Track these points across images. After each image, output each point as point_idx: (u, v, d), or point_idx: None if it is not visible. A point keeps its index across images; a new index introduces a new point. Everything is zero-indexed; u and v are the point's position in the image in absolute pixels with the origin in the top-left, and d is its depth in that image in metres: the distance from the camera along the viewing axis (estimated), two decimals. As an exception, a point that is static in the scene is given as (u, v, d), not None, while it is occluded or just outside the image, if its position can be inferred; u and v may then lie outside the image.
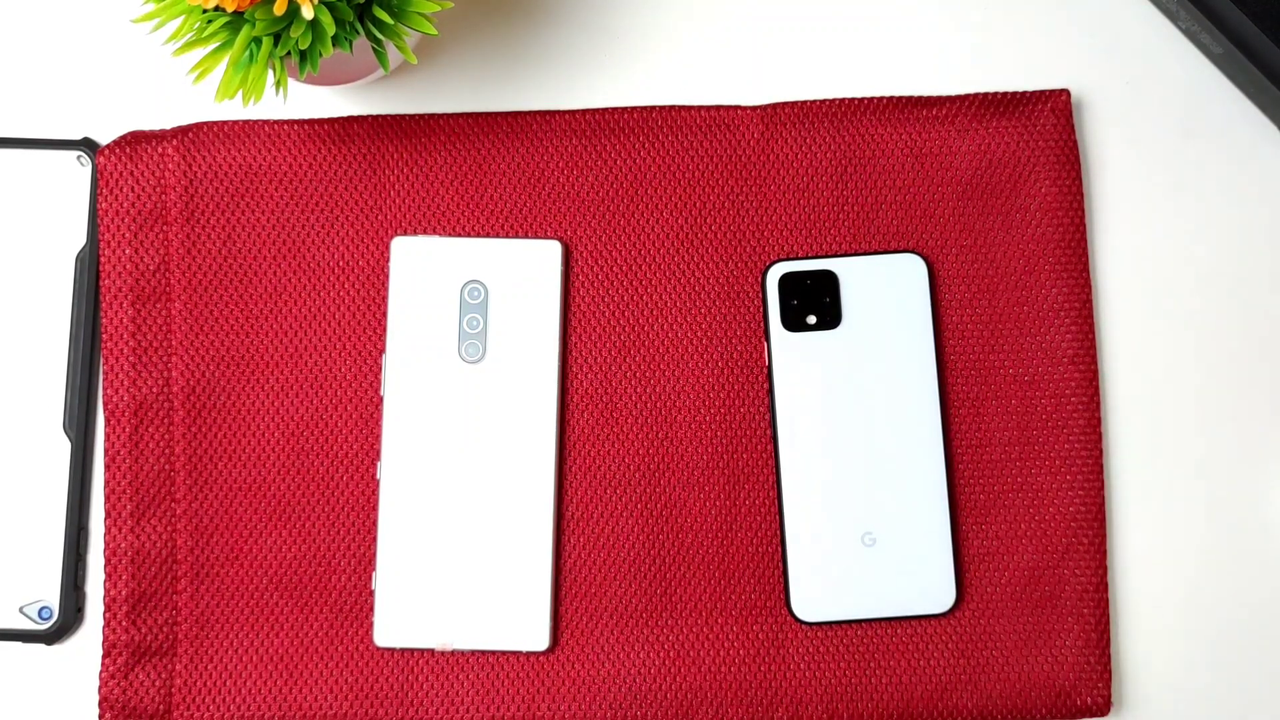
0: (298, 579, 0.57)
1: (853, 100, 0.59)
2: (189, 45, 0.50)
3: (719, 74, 0.60)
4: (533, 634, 0.56)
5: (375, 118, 0.59)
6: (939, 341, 0.58)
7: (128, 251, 0.58)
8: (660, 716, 0.57)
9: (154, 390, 0.58)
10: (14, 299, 0.59)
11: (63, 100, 0.61)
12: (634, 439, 0.58)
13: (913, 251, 0.58)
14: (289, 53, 0.49)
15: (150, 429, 0.58)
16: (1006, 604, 0.57)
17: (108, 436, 0.58)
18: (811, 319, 0.57)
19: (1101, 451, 0.58)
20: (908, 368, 0.57)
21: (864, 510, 0.57)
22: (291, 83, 0.59)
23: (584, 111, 0.59)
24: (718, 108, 0.59)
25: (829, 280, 0.58)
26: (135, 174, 0.59)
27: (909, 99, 0.59)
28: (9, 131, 0.60)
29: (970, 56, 0.61)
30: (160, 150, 0.59)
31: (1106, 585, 0.57)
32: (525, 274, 0.58)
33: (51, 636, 0.58)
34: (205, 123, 0.59)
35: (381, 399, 0.58)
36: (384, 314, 0.58)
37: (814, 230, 0.59)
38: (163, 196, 0.59)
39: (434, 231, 0.59)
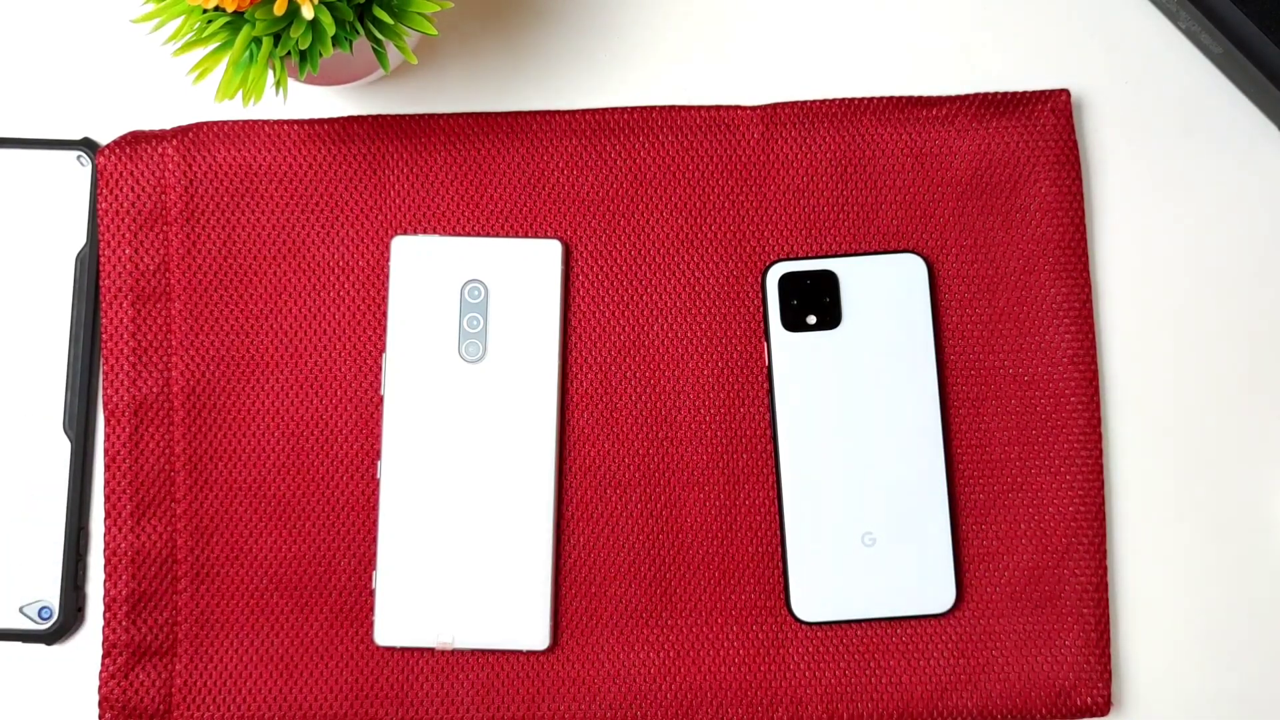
0: (298, 579, 0.57)
1: (853, 100, 0.59)
2: (189, 45, 0.50)
3: (719, 74, 0.60)
4: (533, 634, 0.56)
5: (375, 118, 0.59)
6: (939, 341, 0.58)
7: (128, 251, 0.58)
8: (660, 716, 0.57)
9: (154, 390, 0.58)
10: (14, 299, 0.59)
11: (63, 100, 0.61)
12: (634, 439, 0.58)
13: (913, 251, 0.58)
14: (289, 53, 0.49)
15: (150, 429, 0.58)
16: (1006, 604, 0.57)
17: (108, 436, 0.58)
18: (811, 319, 0.57)
19: (1101, 451, 0.58)
20: (908, 368, 0.57)
21: (864, 510, 0.57)
22: (291, 83, 0.59)
23: (584, 111, 0.59)
24: (718, 108, 0.59)
25: (829, 280, 0.58)
26: (135, 174, 0.59)
27: (909, 99, 0.59)
28: (9, 131, 0.60)
29: (970, 56, 0.61)
30: (160, 150, 0.59)
31: (1106, 585, 0.57)
32: (525, 273, 0.58)
33: (51, 636, 0.58)
34: (205, 123, 0.59)
35: (381, 399, 0.58)
36: (384, 314, 0.58)
37: (814, 230, 0.59)
38: (163, 196, 0.59)
39: (434, 231, 0.59)
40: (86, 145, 0.59)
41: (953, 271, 0.58)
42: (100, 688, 0.57)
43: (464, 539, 0.57)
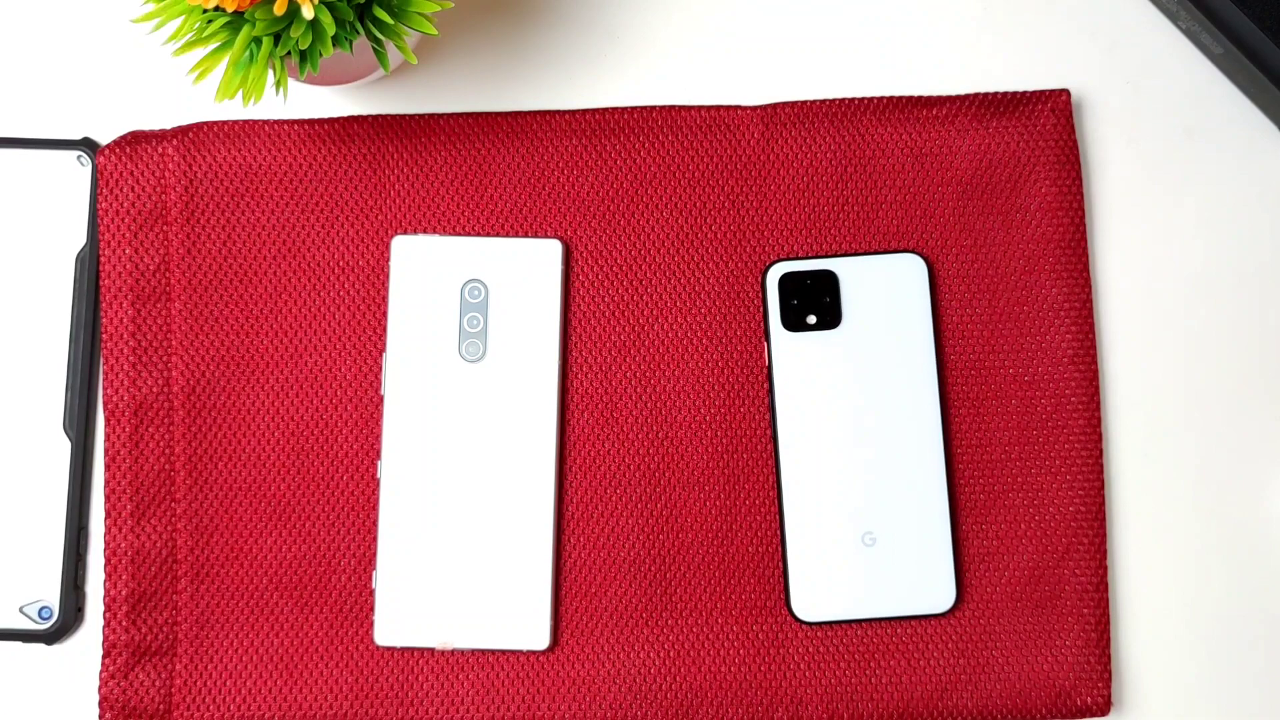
0: (298, 579, 0.57)
1: (853, 100, 0.59)
2: (189, 45, 0.50)
3: (719, 74, 0.61)
4: (533, 634, 0.56)
5: (375, 118, 0.59)
6: (939, 341, 0.58)
7: (128, 251, 0.58)
8: (660, 716, 0.57)
9: (154, 390, 0.58)
10: (14, 299, 0.59)
11: (63, 100, 0.61)
12: (634, 439, 0.58)
13: (913, 251, 0.58)
14: (289, 53, 0.49)
15: (150, 429, 0.58)
16: (1006, 604, 0.57)
17: (108, 436, 0.58)
18: (811, 319, 0.57)
19: (1101, 451, 0.58)
20: (908, 368, 0.57)
21: (864, 510, 0.57)
22: (291, 83, 0.59)
23: (584, 111, 0.59)
24: (718, 108, 0.59)
25: (829, 280, 0.58)
26: (135, 174, 0.59)
27: (909, 99, 0.59)
28: (9, 131, 0.60)
29: (970, 56, 0.61)
30: (160, 150, 0.59)
31: (1106, 585, 0.57)
32: (525, 273, 0.58)
33: (51, 636, 0.58)
34: (205, 123, 0.59)
35: (381, 398, 0.58)
36: (384, 313, 0.58)
37: (814, 230, 0.59)
38: (163, 196, 0.59)
39: (434, 231, 0.59)
40: (86, 145, 0.59)
41: (953, 271, 0.58)
42: (100, 688, 0.57)
43: (464, 539, 0.57)
